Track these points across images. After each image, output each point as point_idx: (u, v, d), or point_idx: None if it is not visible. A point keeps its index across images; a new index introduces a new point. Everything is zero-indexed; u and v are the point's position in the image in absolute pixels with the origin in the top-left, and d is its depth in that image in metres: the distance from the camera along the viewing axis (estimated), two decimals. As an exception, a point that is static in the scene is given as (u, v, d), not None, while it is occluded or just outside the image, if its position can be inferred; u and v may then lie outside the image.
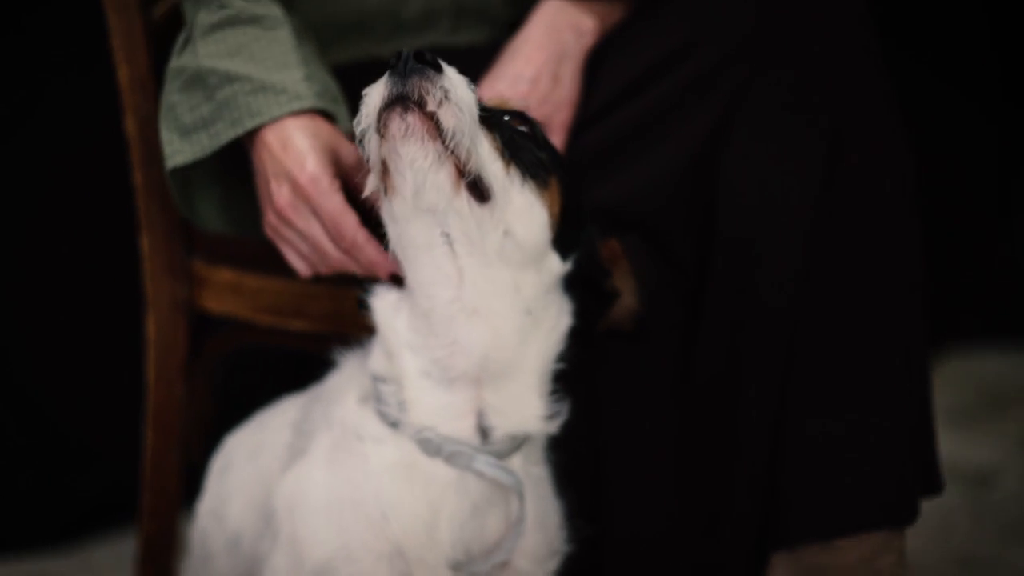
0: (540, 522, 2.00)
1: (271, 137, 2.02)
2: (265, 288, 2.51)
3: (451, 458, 1.88)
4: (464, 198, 1.75)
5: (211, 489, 2.22)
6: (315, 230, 2.00)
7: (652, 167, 2.15)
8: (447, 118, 1.68)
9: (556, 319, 1.93)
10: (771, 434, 2.11)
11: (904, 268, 2.15)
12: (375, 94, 1.71)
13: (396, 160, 1.72)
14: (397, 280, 1.93)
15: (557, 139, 2.19)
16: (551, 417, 1.95)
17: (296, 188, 1.98)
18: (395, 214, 1.80)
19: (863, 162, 2.11)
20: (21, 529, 3.42)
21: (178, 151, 2.09)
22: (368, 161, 1.79)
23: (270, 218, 2.06)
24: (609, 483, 2.24)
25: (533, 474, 1.99)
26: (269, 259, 2.48)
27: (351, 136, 1.85)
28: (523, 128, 1.84)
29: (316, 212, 1.98)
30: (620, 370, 2.20)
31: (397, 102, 1.68)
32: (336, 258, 1.99)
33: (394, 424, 1.90)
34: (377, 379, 1.92)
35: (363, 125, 1.74)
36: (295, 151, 1.99)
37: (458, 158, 1.71)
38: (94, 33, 2.54)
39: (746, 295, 2.12)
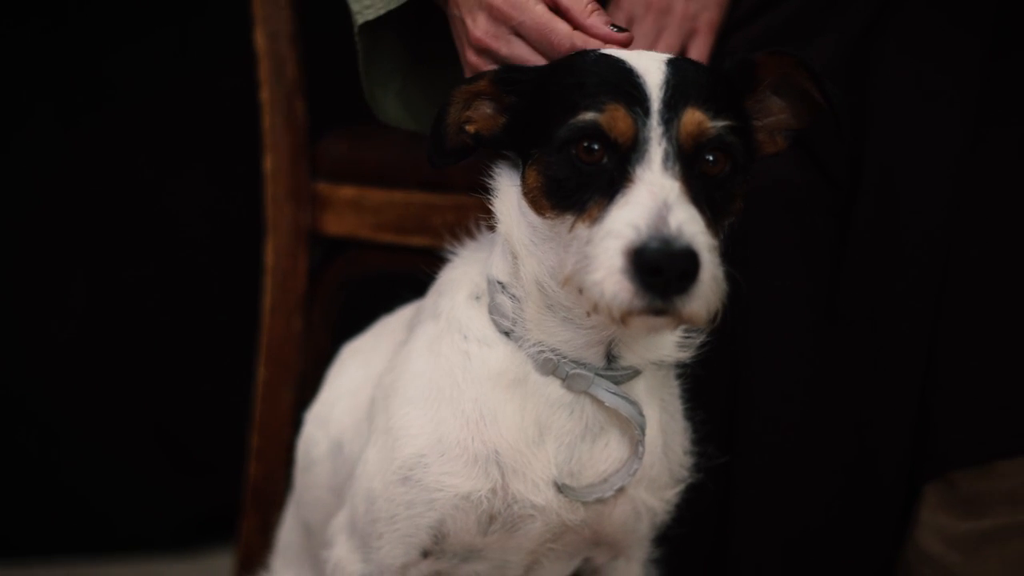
0: (664, 448, 1.81)
1: None
2: (388, 202, 2.40)
3: (569, 380, 1.72)
4: None
5: (321, 396, 2.11)
6: (522, 51, 1.80)
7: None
8: (697, 311, 1.52)
9: None
10: (925, 357, 1.95)
11: None
12: (621, 290, 1.51)
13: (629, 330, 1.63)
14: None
15: (704, 40, 2.06)
16: (686, 343, 1.77)
17: (492, 12, 1.80)
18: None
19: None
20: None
21: (368, 6, 1.93)
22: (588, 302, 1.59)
23: (469, 57, 1.87)
24: (744, 407, 2.05)
25: (660, 396, 1.81)
26: (392, 176, 2.40)
27: None
28: (711, 158, 1.62)
29: (519, 30, 1.79)
30: (765, 290, 2.02)
31: (650, 312, 1.52)
32: None
33: (507, 333, 1.75)
34: (493, 284, 1.77)
35: (598, 303, 1.54)
36: None
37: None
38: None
39: (897, 216, 1.97)
